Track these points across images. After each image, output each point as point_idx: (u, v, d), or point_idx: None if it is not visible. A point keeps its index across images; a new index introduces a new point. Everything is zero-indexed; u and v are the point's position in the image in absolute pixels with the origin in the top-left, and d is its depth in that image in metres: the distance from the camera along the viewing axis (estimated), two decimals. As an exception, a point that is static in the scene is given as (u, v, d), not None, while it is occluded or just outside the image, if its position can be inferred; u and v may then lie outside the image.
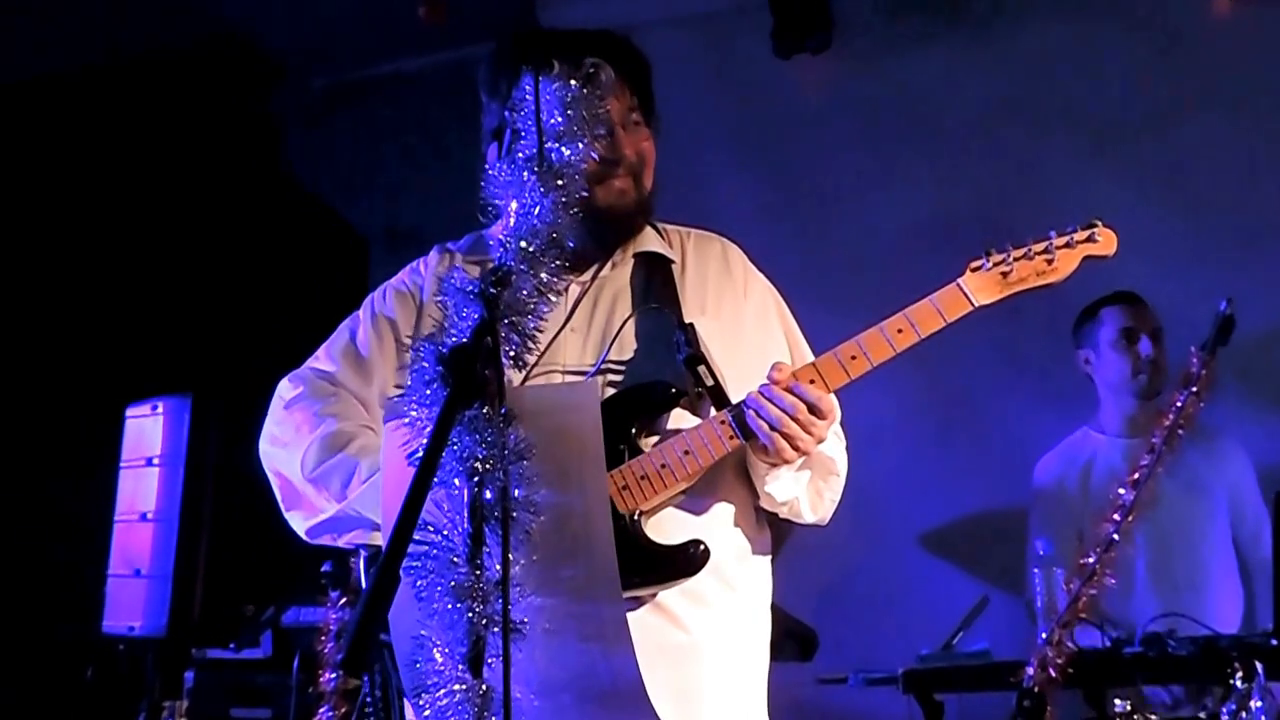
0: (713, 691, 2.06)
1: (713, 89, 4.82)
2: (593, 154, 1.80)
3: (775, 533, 2.23)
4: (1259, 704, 2.80)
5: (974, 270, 2.07)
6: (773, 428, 1.97)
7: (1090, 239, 2.08)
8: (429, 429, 1.56)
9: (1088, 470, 3.76)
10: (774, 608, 2.22)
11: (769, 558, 2.21)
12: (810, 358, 2.15)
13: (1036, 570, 3.15)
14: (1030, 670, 2.77)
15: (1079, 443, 3.81)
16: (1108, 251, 2.09)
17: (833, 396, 2.05)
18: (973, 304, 2.05)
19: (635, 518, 2.01)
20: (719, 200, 4.48)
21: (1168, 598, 3.51)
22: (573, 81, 1.81)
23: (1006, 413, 4.33)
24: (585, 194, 1.80)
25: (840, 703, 3.96)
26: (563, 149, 1.79)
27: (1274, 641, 2.84)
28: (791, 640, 3.48)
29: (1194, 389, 3.09)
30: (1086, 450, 3.78)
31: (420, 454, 1.52)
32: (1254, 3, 4.21)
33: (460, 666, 1.53)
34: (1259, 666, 2.78)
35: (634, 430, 2.04)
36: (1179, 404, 3.09)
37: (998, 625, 3.62)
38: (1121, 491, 3.04)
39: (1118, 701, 2.87)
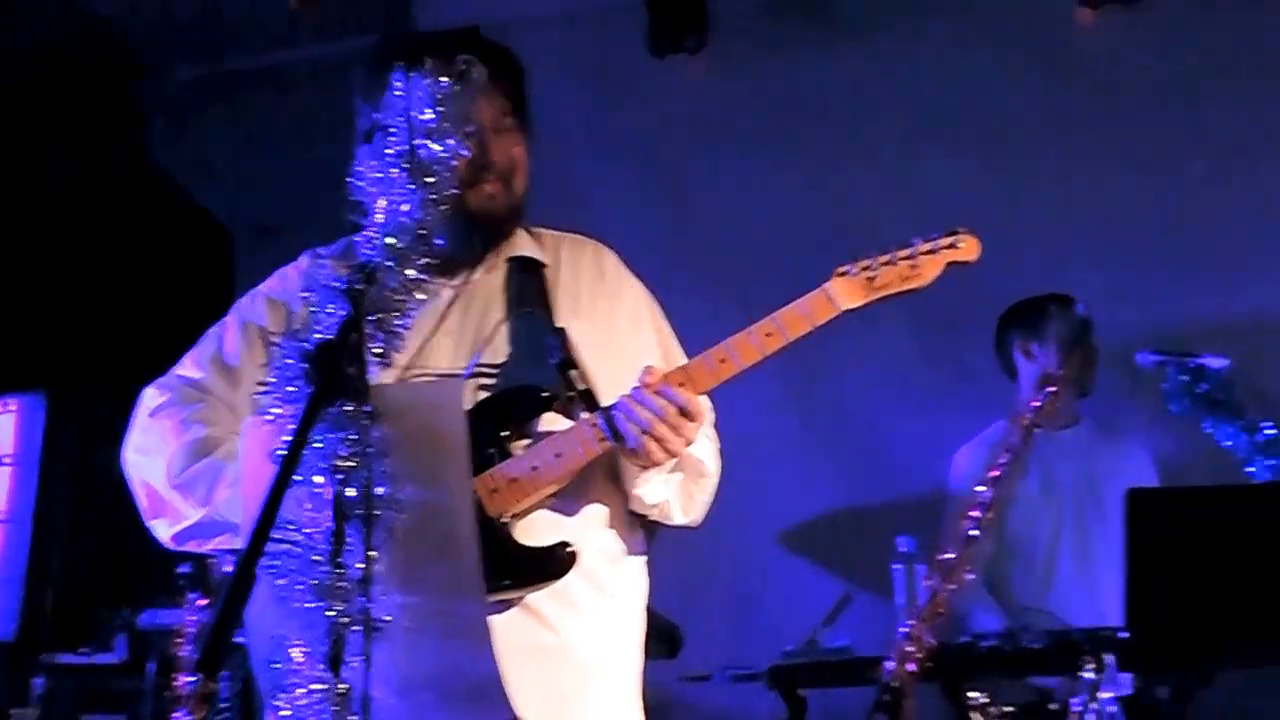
0: (584, 693, 2.07)
1: (588, 88, 4.83)
2: (463, 151, 1.80)
3: (645, 533, 2.24)
4: (1109, 694, 2.92)
5: (840, 276, 2.13)
6: (643, 430, 1.99)
7: (953, 245, 2.15)
8: (291, 426, 1.55)
9: (1039, 461, 3.82)
10: (640, 607, 2.23)
11: (642, 559, 2.23)
12: (683, 360, 2.18)
13: (898, 566, 3.23)
14: (889, 665, 2.84)
15: (1002, 434, 3.90)
16: (970, 258, 2.16)
17: (705, 398, 2.08)
18: (838, 309, 2.11)
19: (504, 521, 2.01)
20: (593, 200, 4.49)
21: (1082, 592, 3.65)
22: (444, 79, 1.80)
23: (870, 414, 4.43)
24: (455, 191, 1.80)
25: (706, 700, 4.01)
26: (433, 145, 1.78)
27: (1123, 634, 2.95)
28: (657, 638, 3.49)
29: (1053, 389, 3.20)
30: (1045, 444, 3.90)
31: (282, 451, 1.51)
32: (1115, 13, 4.36)
33: (319, 666, 1.52)
34: (1109, 658, 2.90)
35: (505, 434, 2.05)
36: (1037, 404, 3.21)
37: (861, 622, 3.69)
38: (981, 489, 3.13)
39: (972, 695, 2.96)
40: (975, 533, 3.07)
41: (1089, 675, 2.93)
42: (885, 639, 2.83)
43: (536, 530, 2.05)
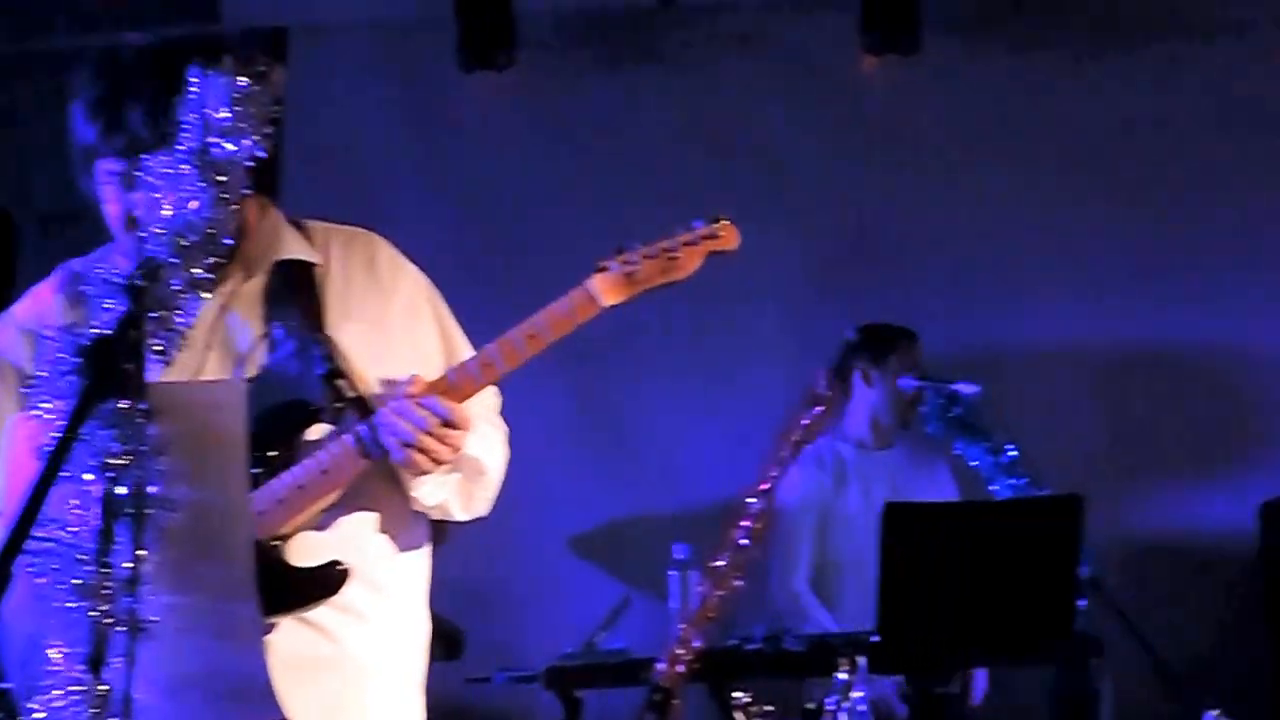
0: (362, 698, 2.06)
1: (394, 98, 4.84)
2: (259, 152, 1.76)
3: (436, 529, 2.21)
4: (860, 694, 3.11)
5: (601, 272, 2.09)
6: (405, 443, 1.95)
7: (712, 235, 2.11)
8: (61, 422, 1.51)
9: (841, 478, 4.02)
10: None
11: (425, 559, 2.20)
12: (467, 349, 2.16)
13: (674, 573, 3.37)
14: (661, 666, 2.97)
15: (828, 454, 4.08)
16: (730, 246, 2.13)
17: (491, 387, 2.09)
18: (601, 305, 2.07)
19: (274, 543, 1.96)
20: (397, 209, 4.51)
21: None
22: (243, 79, 1.76)
23: (654, 424, 4.58)
24: (248, 192, 1.77)
25: (486, 701, 4.08)
26: (226, 145, 1.73)
27: (875, 638, 3.15)
28: (439, 640, 3.55)
29: (820, 408, 3.39)
30: (841, 462, 4.05)
31: (49, 447, 1.48)
32: (893, 63, 4.61)
33: (79, 667, 1.50)
34: (861, 660, 3.09)
35: (271, 452, 1.98)
36: (805, 421, 3.39)
37: (640, 625, 3.82)
38: (751, 500, 3.30)
39: (736, 694, 3.12)
40: (745, 542, 3.23)
41: (843, 676, 3.13)
42: (662, 642, 2.96)
43: (311, 540, 2.01)
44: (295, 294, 2.09)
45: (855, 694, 3.09)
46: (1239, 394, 4.43)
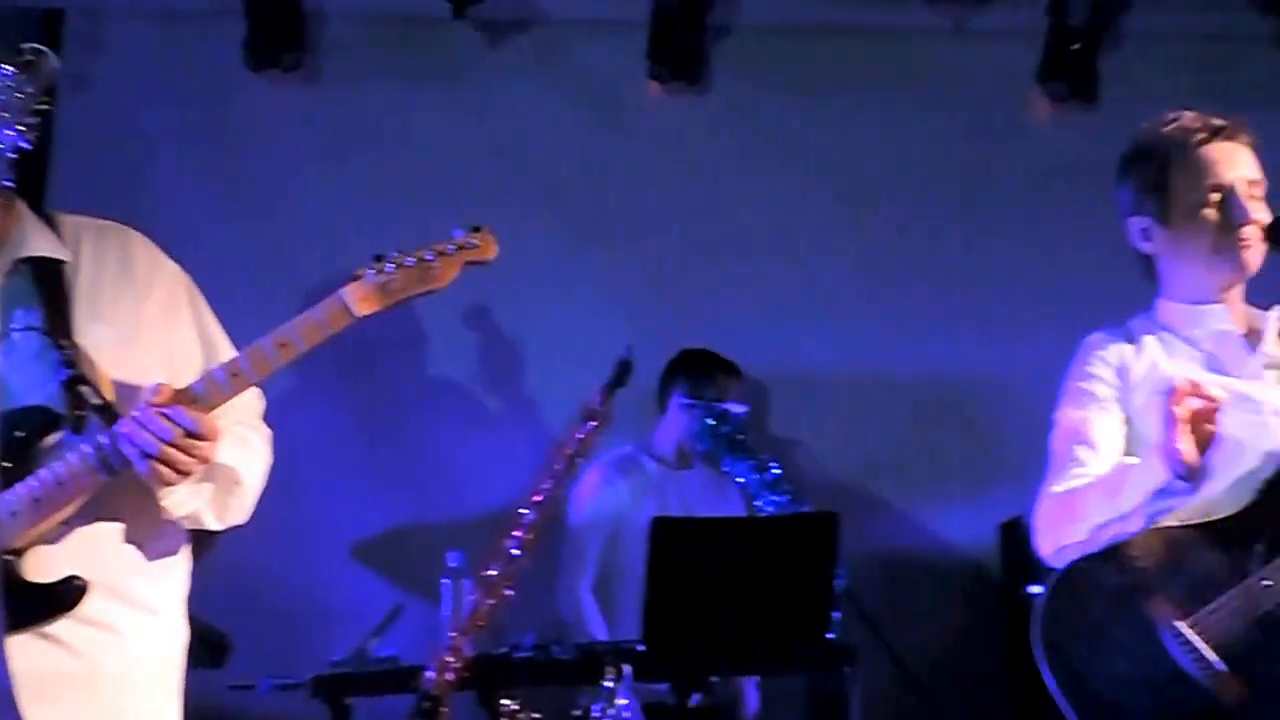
0: (114, 717, 2.02)
1: (179, 90, 4.72)
2: (23, 144, 1.69)
3: (198, 537, 2.19)
4: (624, 701, 3.20)
5: (357, 280, 2.06)
6: (147, 454, 1.90)
7: (469, 245, 2.12)
8: None
9: (641, 489, 4.10)
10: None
11: (180, 568, 2.16)
12: (229, 349, 2.13)
13: (446, 581, 3.40)
14: (430, 674, 2.99)
15: (631, 464, 4.13)
16: (488, 257, 2.14)
17: (254, 389, 2.07)
18: (354, 314, 2.03)
19: (8, 557, 1.90)
20: (174, 205, 4.41)
21: None
22: (7, 67, 1.72)
23: (435, 434, 4.59)
24: (9, 184, 1.70)
25: (253, 709, 4.02)
26: None
27: (641, 647, 3.25)
28: (202, 646, 3.49)
29: (595, 423, 3.47)
30: (643, 474, 4.13)
31: None
32: (679, 91, 4.76)
33: None
34: (627, 668, 3.18)
35: (5, 463, 1.91)
36: (579, 436, 3.47)
37: (414, 633, 3.82)
38: (524, 512, 3.36)
39: (504, 702, 3.17)
40: (517, 552, 3.29)
41: (609, 684, 3.22)
42: (433, 650, 2.99)
43: (56, 552, 1.96)
44: (40, 293, 2.01)
45: (620, 701, 3.18)
46: (983, 421, 4.71)
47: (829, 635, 3.45)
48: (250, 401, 2.19)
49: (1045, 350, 2.50)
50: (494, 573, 3.21)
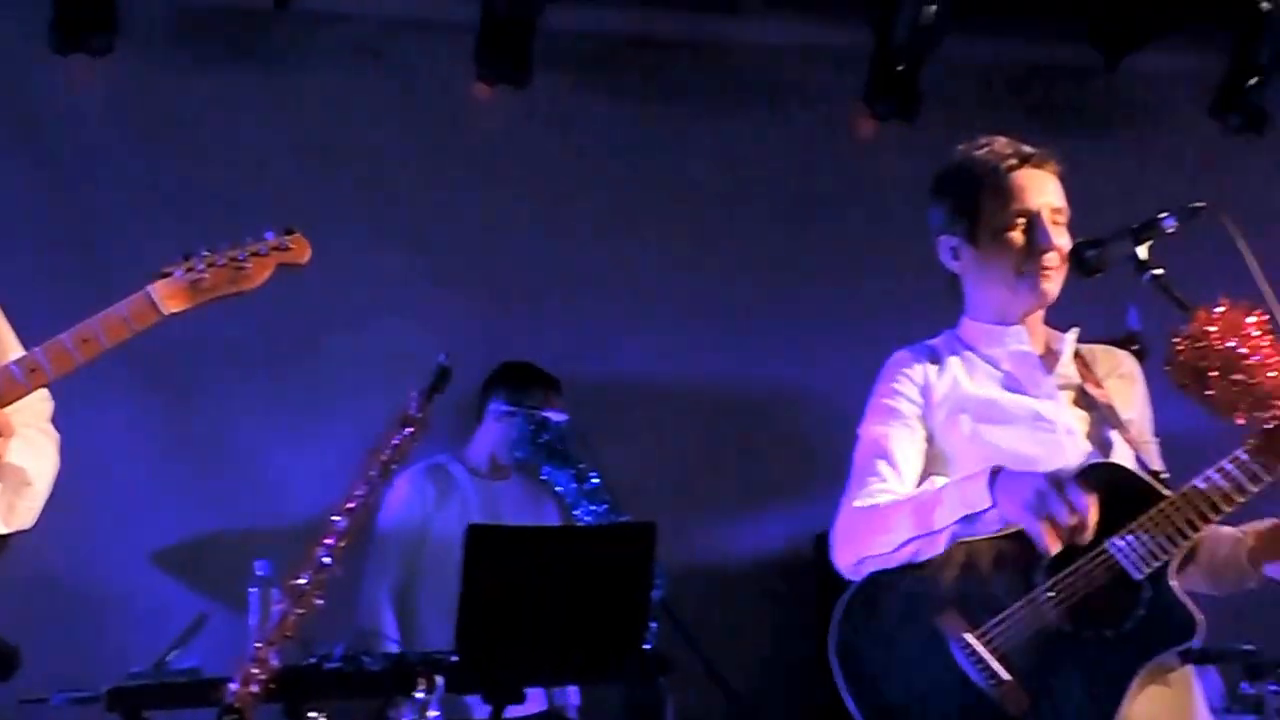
0: None
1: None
2: None
3: None
4: (436, 713, 3.15)
5: (165, 278, 2.05)
6: None
7: (283, 247, 2.13)
8: None
9: (492, 507, 4.04)
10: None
11: None
12: (16, 349, 2.07)
13: (254, 590, 3.29)
14: (234, 686, 2.89)
15: (441, 473, 4.02)
16: (301, 260, 2.15)
17: (43, 392, 2.00)
18: (161, 312, 2.03)
19: None
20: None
21: None
22: None
23: (245, 435, 4.46)
24: None
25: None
26: None
27: (454, 658, 3.20)
28: (-12, 659, 3.32)
29: (411, 429, 3.42)
30: (452, 483, 4.05)
31: None
32: (503, 91, 4.70)
33: None
34: (439, 679, 3.14)
35: None
36: (395, 442, 3.41)
37: (218, 643, 3.70)
38: (337, 519, 3.28)
39: (312, 715, 3.09)
40: (328, 560, 3.21)
41: (421, 695, 3.16)
42: (238, 661, 2.89)
43: None
44: None
45: (432, 714, 3.12)
46: (803, 433, 4.79)
47: (645, 645, 3.47)
48: (38, 404, 2.12)
49: (865, 363, 2.54)
50: (303, 581, 3.13)
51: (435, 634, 3.72)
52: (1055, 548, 2.03)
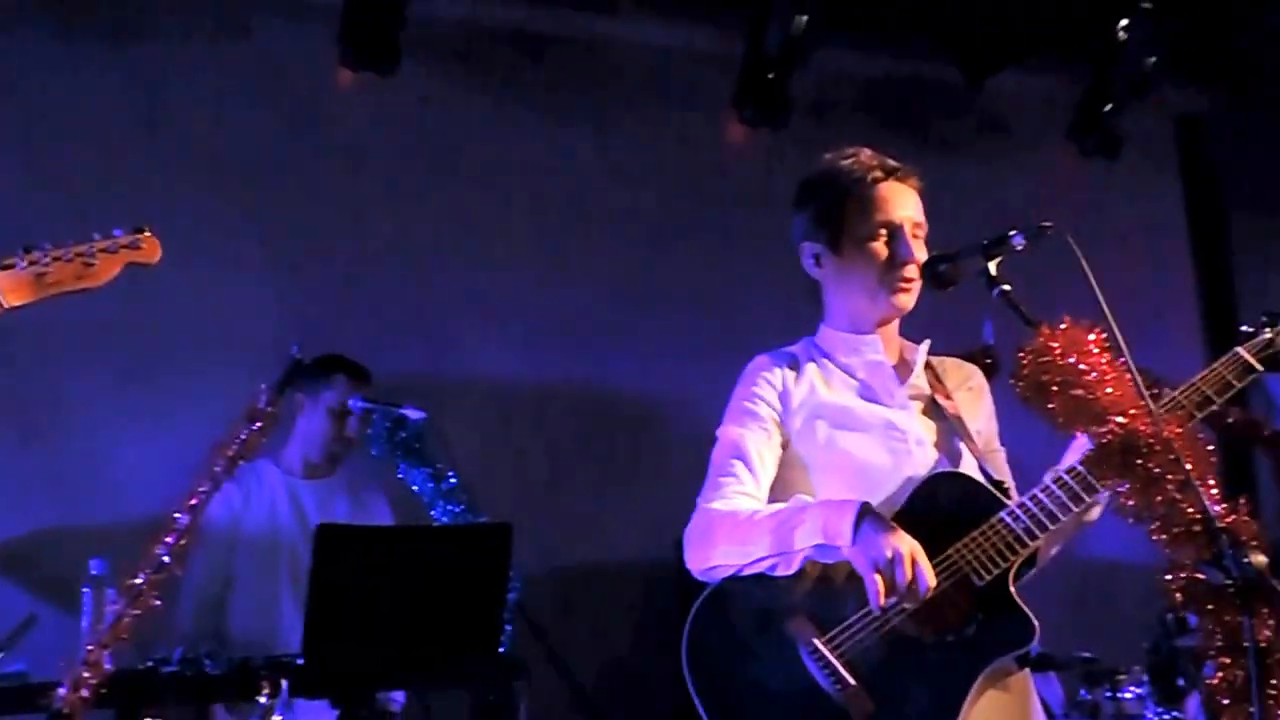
0: None
1: None
2: None
3: None
4: (279, 718, 3.05)
5: (7, 269, 2.03)
6: None
7: (133, 246, 2.13)
8: None
9: (296, 505, 3.88)
10: None
11: None
12: None
13: (87, 590, 3.15)
14: (63, 691, 2.76)
15: (248, 471, 3.88)
16: (150, 260, 2.15)
17: None
18: (1, 305, 2.02)
19: None
20: None
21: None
22: None
23: (82, 429, 4.28)
24: None
25: None
26: None
27: (300, 661, 3.10)
28: None
29: (259, 424, 3.32)
30: (270, 484, 3.90)
31: None
32: (370, 80, 4.61)
33: None
34: (284, 683, 3.04)
35: None
36: (243, 436, 3.31)
37: (49, 645, 3.54)
38: (179, 516, 3.16)
39: (148, 720, 2.97)
40: (167, 559, 3.10)
41: (264, 700, 3.06)
42: (69, 664, 2.77)
43: None
44: None
45: (276, 718, 3.03)
46: (663, 435, 4.79)
47: (500, 648, 3.42)
48: None
49: (726, 367, 2.54)
50: (140, 581, 3.02)
51: (253, 638, 3.60)
52: (883, 603, 2.08)
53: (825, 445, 2.30)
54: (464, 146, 4.81)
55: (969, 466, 2.31)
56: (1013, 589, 2.15)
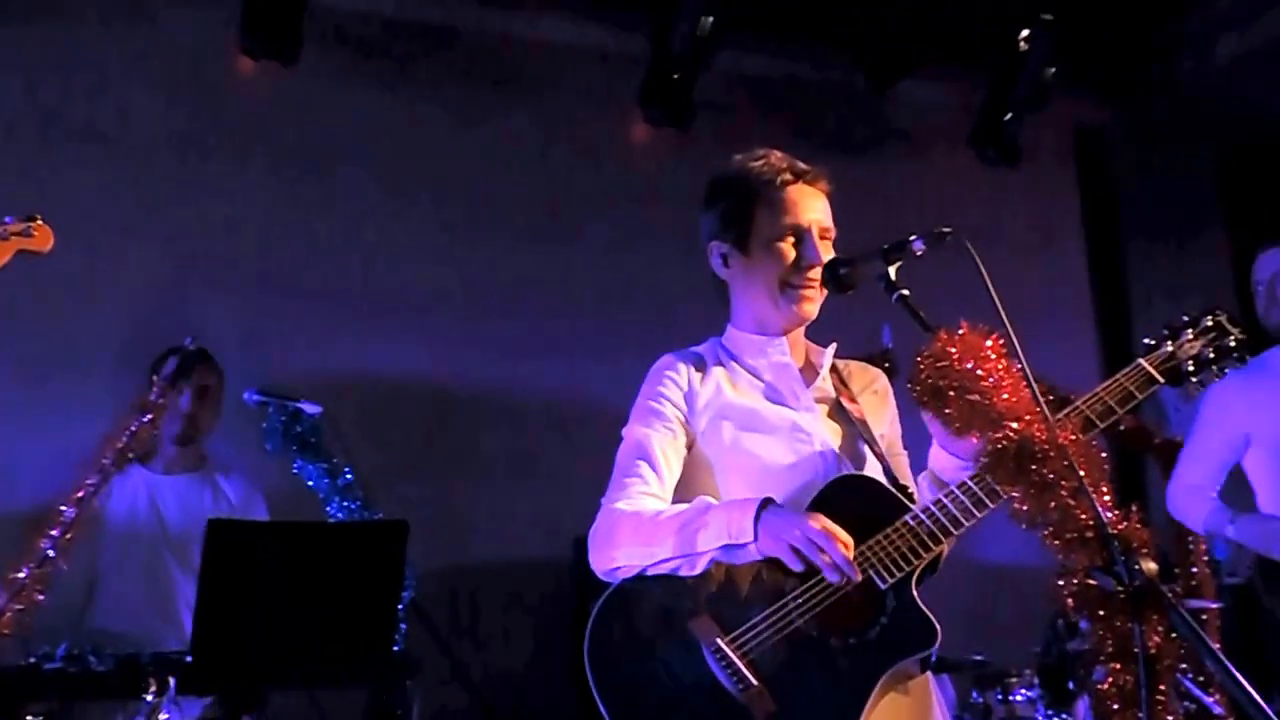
0: None
1: None
2: None
3: None
4: (166, 716, 2.98)
5: None
6: None
7: (25, 233, 2.12)
8: None
9: (153, 501, 3.76)
10: None
11: None
12: None
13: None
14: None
15: (134, 476, 3.77)
16: (43, 248, 2.14)
17: None
18: None
19: None
20: None
21: (156, 621, 3.61)
22: None
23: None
24: None
25: None
26: None
27: (189, 658, 3.03)
28: None
29: (150, 416, 3.25)
30: (145, 483, 3.77)
31: None
32: (271, 69, 4.54)
33: None
34: (172, 680, 2.97)
35: None
36: (133, 429, 3.24)
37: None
38: (64, 509, 3.08)
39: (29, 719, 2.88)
40: (52, 553, 3.02)
41: (151, 698, 2.99)
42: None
43: None
44: None
45: (162, 716, 2.96)
46: (564, 437, 4.77)
47: (395, 647, 3.37)
48: None
49: (630, 366, 2.53)
50: (23, 575, 2.95)
51: (113, 636, 3.49)
52: (800, 567, 2.11)
53: (731, 446, 2.30)
54: (365, 137, 4.75)
55: (873, 470, 2.33)
56: (916, 592, 2.17)
